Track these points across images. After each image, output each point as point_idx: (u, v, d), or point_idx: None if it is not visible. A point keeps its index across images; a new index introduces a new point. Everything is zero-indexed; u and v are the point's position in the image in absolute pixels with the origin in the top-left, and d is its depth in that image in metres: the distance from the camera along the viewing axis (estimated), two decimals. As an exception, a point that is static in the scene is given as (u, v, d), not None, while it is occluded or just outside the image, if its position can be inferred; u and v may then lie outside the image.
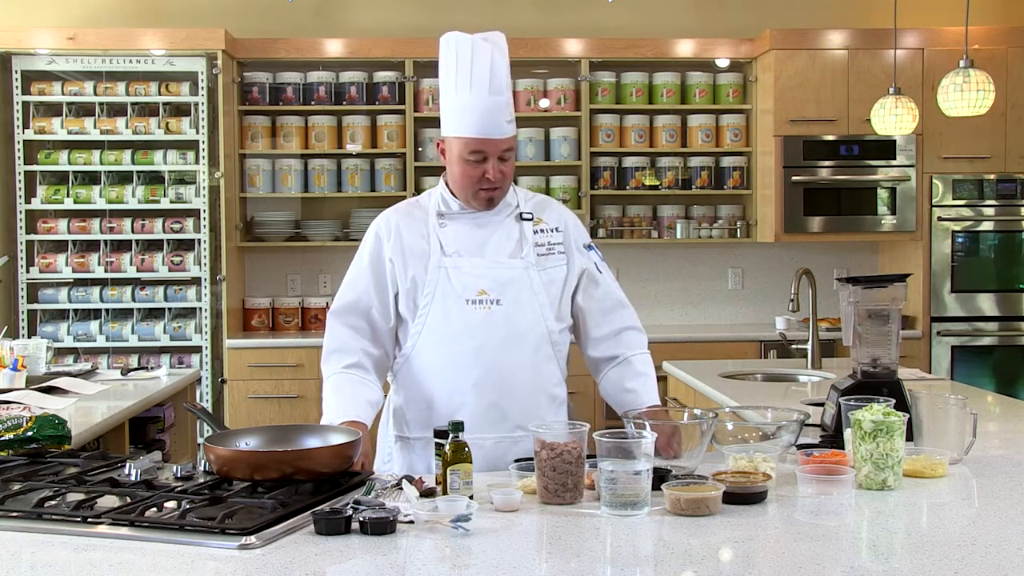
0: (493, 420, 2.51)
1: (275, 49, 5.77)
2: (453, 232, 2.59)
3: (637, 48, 5.87)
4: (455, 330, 2.53)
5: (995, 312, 5.76)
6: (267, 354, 5.48)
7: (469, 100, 2.50)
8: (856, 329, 2.67)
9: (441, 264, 2.55)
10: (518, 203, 2.66)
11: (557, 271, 2.62)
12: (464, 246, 2.58)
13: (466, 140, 2.51)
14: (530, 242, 2.60)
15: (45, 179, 5.66)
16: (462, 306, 2.52)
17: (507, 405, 2.54)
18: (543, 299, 2.57)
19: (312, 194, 5.89)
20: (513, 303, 2.54)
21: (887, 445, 2.12)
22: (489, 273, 2.55)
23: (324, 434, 2.26)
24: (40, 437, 2.43)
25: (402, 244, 2.58)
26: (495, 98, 2.50)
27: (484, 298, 2.53)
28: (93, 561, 1.71)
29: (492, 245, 2.59)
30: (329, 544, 1.78)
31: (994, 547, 1.76)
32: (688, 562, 1.70)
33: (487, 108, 2.49)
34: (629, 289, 6.46)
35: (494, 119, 2.50)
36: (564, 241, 2.65)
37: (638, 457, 1.95)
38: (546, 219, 2.66)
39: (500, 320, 2.53)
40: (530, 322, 2.56)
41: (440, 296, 2.53)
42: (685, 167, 6.00)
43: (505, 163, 2.54)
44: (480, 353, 2.52)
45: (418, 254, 2.57)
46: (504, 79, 2.52)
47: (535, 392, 2.58)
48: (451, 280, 2.54)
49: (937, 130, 5.65)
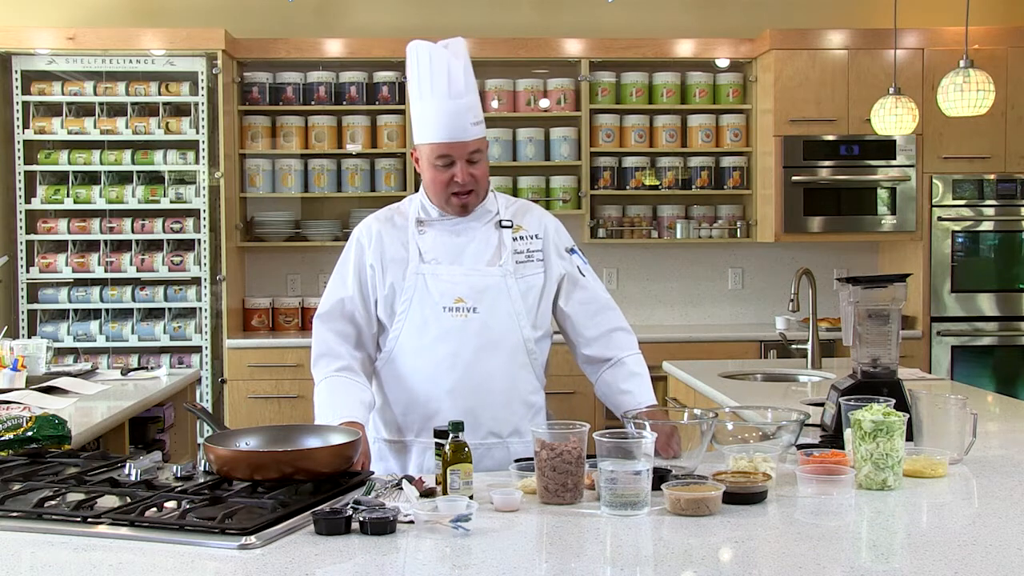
0: (468, 427, 2.45)
1: (275, 49, 5.77)
2: (432, 240, 2.62)
3: (637, 48, 5.88)
4: (432, 336, 2.55)
5: (995, 312, 5.76)
6: (267, 354, 5.48)
7: (431, 106, 2.53)
8: (856, 329, 2.67)
9: (419, 271, 2.58)
10: (498, 210, 2.67)
11: (535, 279, 2.63)
12: (442, 253, 2.60)
13: (432, 146, 2.54)
14: (508, 249, 2.61)
15: (45, 179, 5.66)
16: (439, 313, 2.55)
17: (482, 412, 2.56)
18: (520, 307, 2.59)
19: (312, 194, 5.89)
20: (489, 311, 2.56)
21: (887, 445, 2.12)
22: (466, 280, 2.57)
23: (324, 434, 2.26)
24: (40, 437, 2.43)
25: (382, 250, 2.62)
26: (454, 102, 2.51)
27: (461, 305, 2.55)
28: (93, 561, 1.71)
29: (470, 253, 2.61)
30: (329, 544, 1.78)
31: (994, 547, 1.76)
32: (688, 562, 1.70)
33: (447, 112, 2.51)
34: (629, 289, 6.47)
35: (456, 122, 2.51)
36: (543, 248, 2.66)
37: (638, 457, 1.96)
38: (526, 226, 2.67)
39: (476, 327, 2.55)
40: (506, 329, 2.57)
41: (418, 302, 2.56)
42: (685, 167, 6.00)
43: (474, 165, 2.55)
44: (456, 360, 2.54)
45: (397, 261, 2.60)
46: (461, 82, 2.53)
47: (510, 400, 2.60)
48: (428, 287, 2.57)
49: (937, 130, 5.65)
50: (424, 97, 2.54)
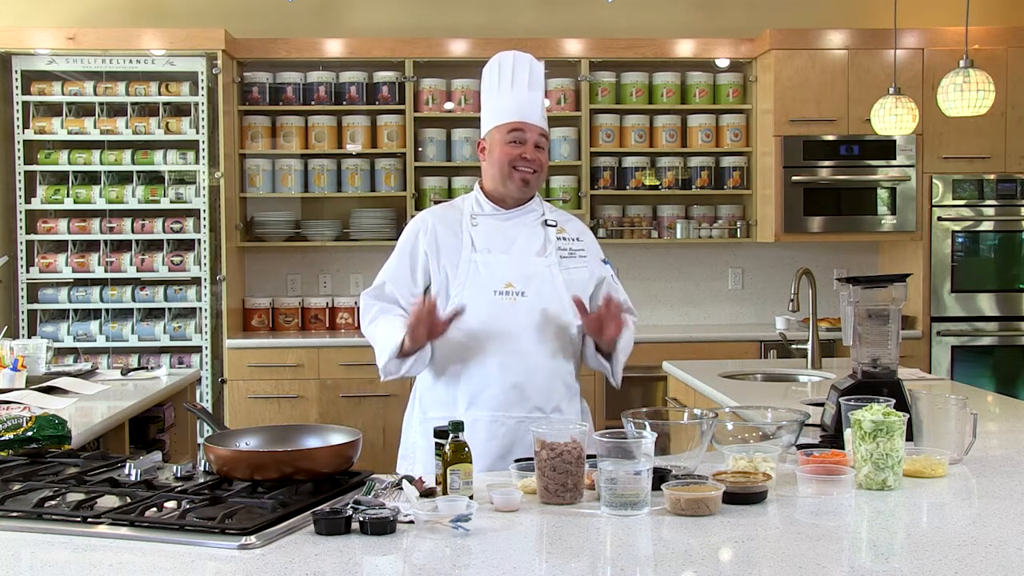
0: (514, 400, 2.72)
1: (275, 49, 5.77)
2: (484, 231, 2.83)
3: (637, 48, 5.88)
4: (483, 317, 2.73)
5: (995, 312, 5.76)
6: (267, 354, 5.48)
7: (510, 95, 2.81)
8: (856, 329, 2.67)
9: (472, 259, 2.79)
10: (544, 212, 2.91)
11: (579, 272, 2.85)
12: (493, 243, 2.82)
13: (508, 123, 2.79)
14: (553, 245, 2.84)
15: (45, 179, 5.67)
16: (490, 296, 2.75)
17: (528, 387, 2.73)
18: (563, 294, 2.78)
19: (312, 194, 5.89)
20: (536, 295, 2.76)
21: (887, 445, 2.12)
22: (516, 268, 2.78)
23: (324, 434, 2.26)
24: (40, 437, 2.43)
25: (436, 240, 2.83)
26: (532, 93, 2.82)
27: (510, 290, 2.76)
28: (93, 561, 1.71)
29: (519, 244, 2.82)
30: (329, 544, 1.78)
31: (994, 547, 1.76)
32: (688, 562, 1.70)
33: (526, 99, 2.81)
34: (629, 289, 6.45)
35: (531, 108, 2.81)
36: (585, 249, 2.91)
37: (638, 457, 1.96)
38: (568, 230, 2.91)
39: (524, 309, 2.75)
40: (551, 313, 2.76)
41: (471, 287, 2.76)
42: (685, 167, 6.00)
43: (540, 150, 2.81)
44: (505, 338, 2.73)
45: (451, 249, 2.81)
46: (539, 79, 2.85)
47: (553, 377, 2.77)
48: (480, 273, 2.77)
49: (937, 130, 5.65)
50: (503, 88, 2.82)
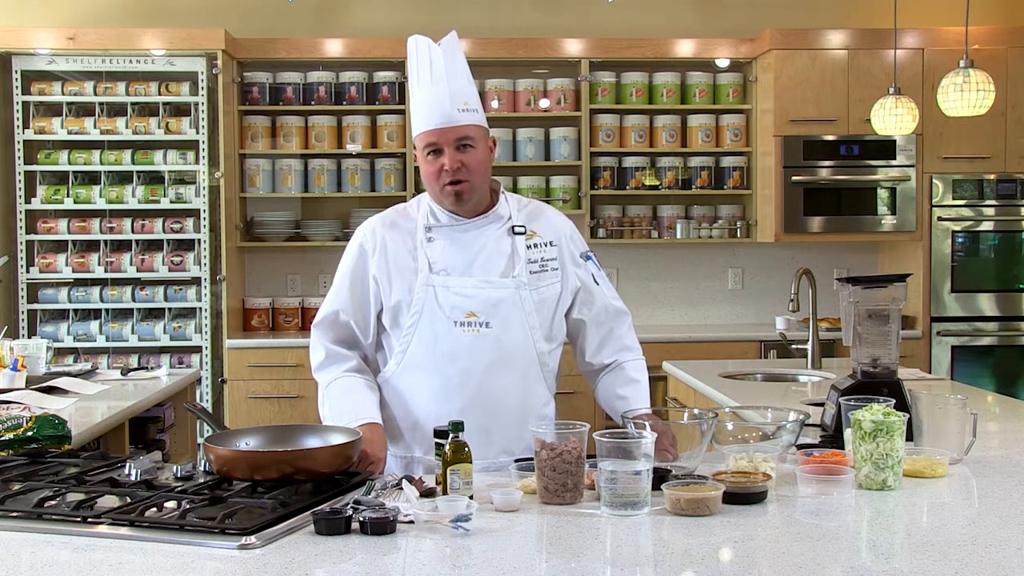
0: (480, 445, 2.31)
1: (275, 49, 5.77)
2: (441, 249, 2.50)
3: (637, 48, 5.87)
4: (442, 353, 2.45)
5: (995, 312, 5.76)
6: (267, 354, 5.48)
7: (419, 96, 2.48)
8: (856, 329, 2.67)
9: (429, 283, 2.47)
10: (510, 214, 2.56)
11: (549, 289, 2.53)
12: (452, 263, 2.48)
13: (420, 136, 2.47)
14: (522, 259, 2.50)
15: (45, 179, 5.66)
16: (450, 328, 2.45)
17: (494, 430, 2.47)
18: (534, 320, 2.49)
19: (312, 194, 5.89)
20: (503, 326, 2.46)
21: (887, 445, 2.12)
22: (479, 294, 2.46)
23: (324, 434, 2.26)
24: (40, 437, 2.43)
25: (387, 260, 2.52)
26: (436, 87, 2.44)
27: (473, 320, 2.45)
28: (93, 561, 1.71)
29: (481, 262, 2.49)
30: (329, 544, 1.78)
31: (994, 547, 1.76)
32: (688, 562, 1.70)
33: (430, 97, 2.45)
34: (629, 289, 6.46)
35: (438, 107, 2.44)
36: (558, 256, 2.56)
37: (638, 457, 1.95)
38: (540, 231, 2.56)
39: (489, 344, 2.45)
40: (520, 344, 2.48)
41: (427, 317, 2.46)
42: (685, 167, 6.00)
43: (465, 152, 2.44)
44: (468, 377, 2.45)
45: (404, 271, 2.50)
46: (442, 68, 2.46)
47: (524, 416, 2.49)
48: (439, 300, 2.46)
49: (937, 130, 5.65)
50: (414, 89, 2.50)
